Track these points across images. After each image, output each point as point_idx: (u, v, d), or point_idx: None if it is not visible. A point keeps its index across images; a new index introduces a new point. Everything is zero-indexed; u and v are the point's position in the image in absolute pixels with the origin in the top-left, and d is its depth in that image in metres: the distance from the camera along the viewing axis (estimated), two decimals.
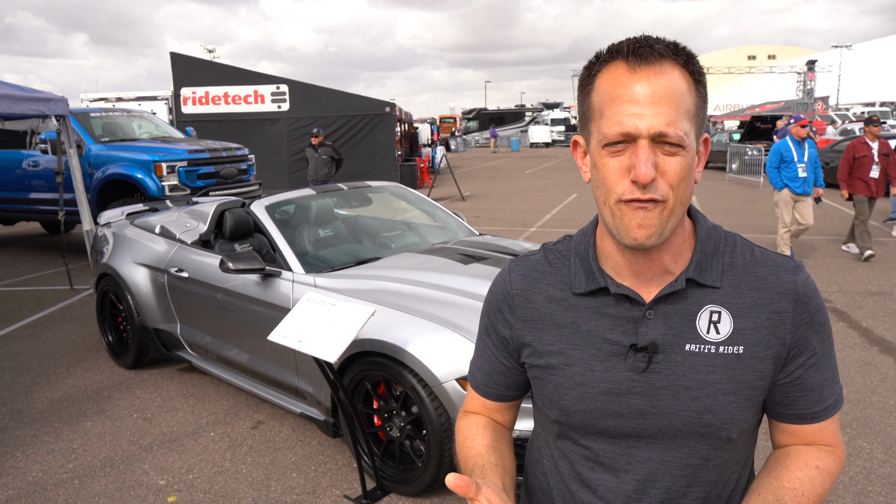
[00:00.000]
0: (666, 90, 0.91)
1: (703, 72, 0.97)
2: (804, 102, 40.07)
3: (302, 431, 3.89)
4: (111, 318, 5.13)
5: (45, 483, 3.41)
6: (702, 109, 0.97)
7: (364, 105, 16.30)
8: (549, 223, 11.53)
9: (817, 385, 1.04)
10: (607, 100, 0.93)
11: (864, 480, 3.22)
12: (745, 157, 17.76)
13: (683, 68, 0.93)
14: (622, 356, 1.02)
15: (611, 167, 0.94)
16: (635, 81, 0.91)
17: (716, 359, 1.00)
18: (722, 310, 1.01)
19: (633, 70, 0.92)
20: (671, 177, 0.92)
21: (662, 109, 0.90)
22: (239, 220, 4.43)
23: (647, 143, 0.90)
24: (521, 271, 1.14)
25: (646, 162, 0.90)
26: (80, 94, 23.03)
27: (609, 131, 0.92)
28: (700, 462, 1.03)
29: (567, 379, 1.05)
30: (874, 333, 5.33)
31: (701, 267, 1.02)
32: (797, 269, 1.03)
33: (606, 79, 0.94)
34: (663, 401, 1.01)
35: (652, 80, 0.91)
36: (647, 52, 0.92)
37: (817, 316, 1.03)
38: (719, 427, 1.00)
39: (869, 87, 56.78)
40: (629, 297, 1.03)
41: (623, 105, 0.91)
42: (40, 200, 9.22)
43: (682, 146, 0.92)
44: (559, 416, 1.08)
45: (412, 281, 3.46)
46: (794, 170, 7.55)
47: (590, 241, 1.09)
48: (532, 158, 31.74)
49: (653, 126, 0.90)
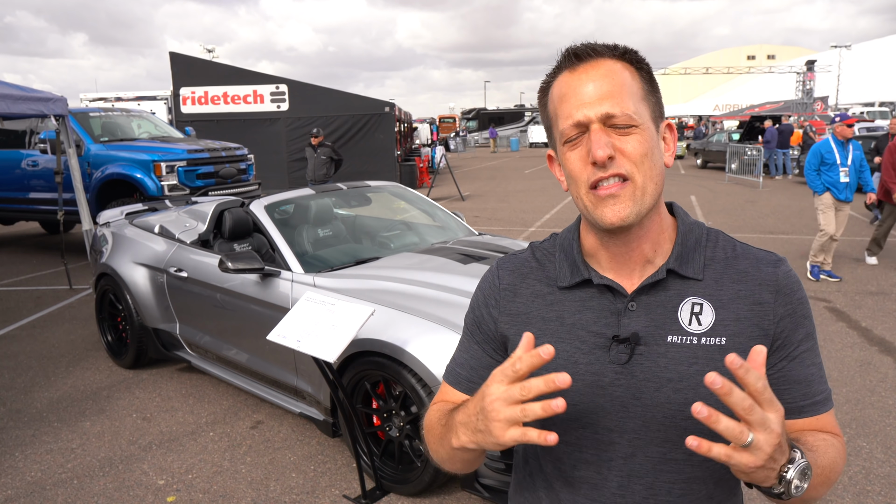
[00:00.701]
0: (605, 78, 0.97)
1: (643, 60, 1.02)
2: (803, 102, 40.08)
3: (301, 431, 3.89)
4: (110, 317, 5.13)
5: (45, 483, 3.40)
6: (651, 94, 1.01)
7: (363, 105, 16.29)
8: (549, 223, 11.53)
9: (802, 378, 1.03)
10: (558, 102, 1.01)
11: (863, 480, 3.22)
12: (744, 157, 17.77)
13: (621, 59, 0.99)
14: (605, 348, 1.03)
15: (573, 159, 0.99)
16: (577, 78, 0.98)
17: (698, 350, 1.00)
18: (704, 301, 1.02)
19: (574, 70, 0.99)
20: (630, 154, 0.96)
21: (605, 93, 0.96)
22: (238, 220, 4.43)
23: (599, 127, 0.96)
24: (509, 268, 1.16)
25: (597, 142, 0.95)
26: (80, 94, 23.02)
27: (564, 126, 0.99)
28: (683, 457, 1.02)
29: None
30: (873, 333, 5.33)
31: (682, 259, 1.04)
32: (779, 262, 1.05)
33: (555, 87, 1.02)
34: (646, 393, 1.01)
35: (590, 73, 0.98)
36: (584, 51, 0.99)
37: (800, 309, 1.03)
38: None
39: (868, 87, 56.77)
40: (612, 288, 1.04)
41: (570, 100, 0.98)
42: (39, 200, 9.22)
43: (635, 125, 0.96)
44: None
45: (411, 281, 3.46)
46: (835, 174, 6.85)
47: (574, 237, 1.12)
48: (531, 158, 31.75)
49: (599, 110, 0.95)
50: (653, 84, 1.02)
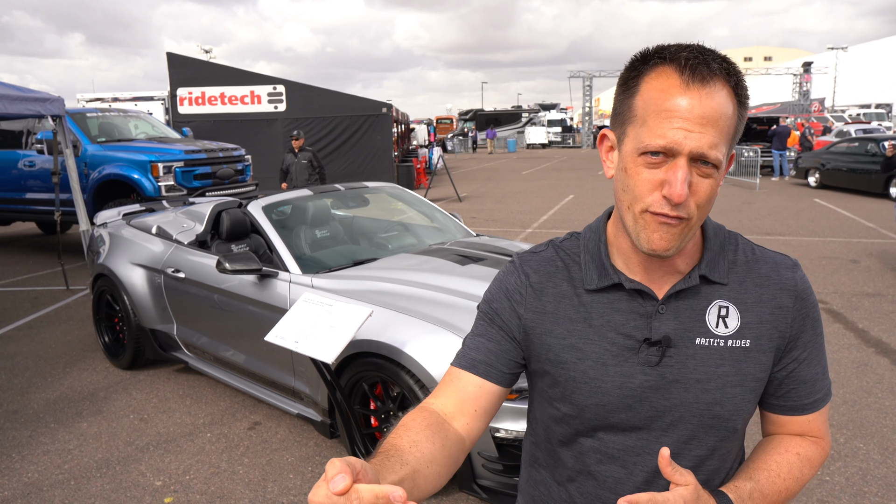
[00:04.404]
0: (714, 112, 0.89)
1: (748, 94, 0.96)
2: (800, 104, 40.18)
3: (299, 432, 3.89)
4: (107, 318, 5.12)
5: (41, 484, 3.39)
6: (739, 131, 0.96)
7: (361, 106, 16.28)
8: (546, 224, 11.53)
9: (809, 378, 1.08)
10: (653, 109, 0.92)
11: (860, 482, 3.23)
12: (741, 159, 17.79)
13: (732, 90, 0.92)
14: (635, 350, 1.04)
15: (644, 177, 0.94)
16: (686, 98, 0.89)
17: (724, 352, 1.03)
18: (730, 305, 1.04)
19: (686, 86, 0.90)
20: (700, 197, 0.93)
21: (708, 131, 0.89)
22: (235, 221, 4.42)
23: (686, 162, 0.90)
24: (534, 266, 1.14)
25: (682, 182, 0.90)
26: (77, 95, 23.01)
27: (650, 141, 0.91)
28: (706, 453, 1.06)
29: (580, 373, 1.06)
30: (870, 335, 5.35)
31: (711, 264, 1.06)
32: (795, 267, 1.08)
33: (655, 86, 0.92)
34: (675, 394, 1.03)
35: (704, 101, 0.89)
36: (703, 69, 0.90)
37: (812, 312, 1.08)
38: (727, 418, 1.03)
39: (865, 89, 56.94)
40: (642, 292, 1.05)
41: (670, 119, 0.90)
42: (36, 201, 9.20)
43: (717, 168, 0.93)
44: (571, 409, 1.08)
45: (409, 282, 3.46)
46: None
47: (601, 238, 1.10)
48: (529, 159, 31.76)
49: (696, 147, 0.89)
50: (744, 120, 0.96)
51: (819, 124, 26.96)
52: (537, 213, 12.90)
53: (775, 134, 18.63)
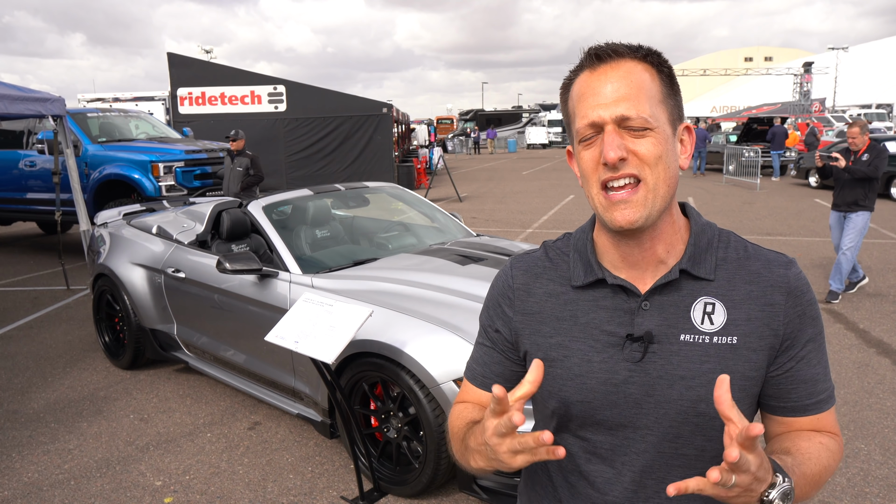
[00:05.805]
0: (624, 79, 0.97)
1: (665, 61, 1.03)
2: (801, 104, 40.17)
3: (299, 432, 3.88)
4: (108, 318, 5.12)
5: (41, 484, 3.39)
6: (670, 96, 1.02)
7: (361, 106, 16.27)
8: (547, 224, 11.53)
9: (809, 378, 1.06)
10: (576, 101, 1.02)
11: (861, 482, 3.22)
12: (741, 159, 17.78)
13: (643, 61, 1.00)
14: (619, 346, 1.05)
15: (586, 158, 1.01)
16: (596, 78, 0.99)
17: (710, 349, 1.03)
18: (716, 301, 1.04)
19: (594, 70, 1.00)
20: (644, 156, 0.97)
21: (622, 95, 0.97)
22: (236, 221, 4.42)
23: (613, 128, 0.97)
24: (523, 267, 1.18)
25: (610, 143, 0.96)
26: (78, 95, 23.01)
27: (579, 126, 1.00)
28: (695, 453, 1.05)
29: (566, 370, 1.08)
30: (871, 335, 5.34)
31: (694, 259, 1.06)
32: (790, 264, 1.07)
33: (575, 85, 1.03)
34: (659, 390, 1.03)
35: (610, 74, 0.98)
36: (606, 52, 1.00)
37: (809, 310, 1.06)
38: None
39: (865, 89, 56.90)
40: (625, 287, 1.06)
41: (587, 100, 0.99)
42: (37, 200, 9.20)
43: (649, 128, 0.97)
44: (558, 407, 1.10)
45: (410, 282, 3.45)
46: None
47: (588, 237, 1.13)
48: (529, 160, 31.76)
49: (614, 112, 0.96)
50: (673, 86, 1.03)
51: (820, 124, 26.95)
52: (538, 214, 12.90)
53: (774, 134, 18.61)
